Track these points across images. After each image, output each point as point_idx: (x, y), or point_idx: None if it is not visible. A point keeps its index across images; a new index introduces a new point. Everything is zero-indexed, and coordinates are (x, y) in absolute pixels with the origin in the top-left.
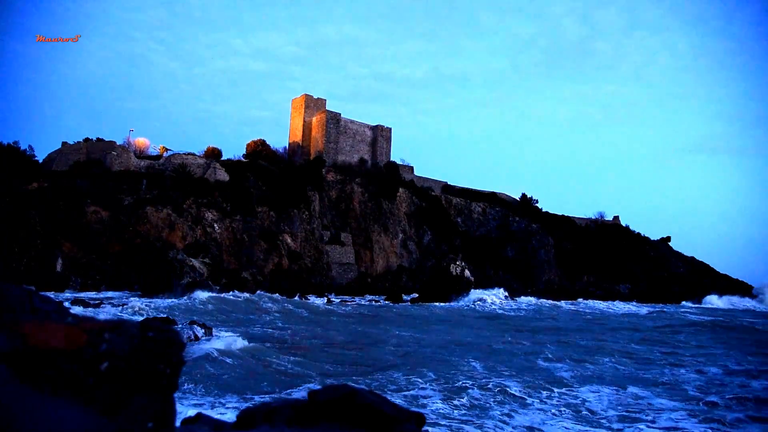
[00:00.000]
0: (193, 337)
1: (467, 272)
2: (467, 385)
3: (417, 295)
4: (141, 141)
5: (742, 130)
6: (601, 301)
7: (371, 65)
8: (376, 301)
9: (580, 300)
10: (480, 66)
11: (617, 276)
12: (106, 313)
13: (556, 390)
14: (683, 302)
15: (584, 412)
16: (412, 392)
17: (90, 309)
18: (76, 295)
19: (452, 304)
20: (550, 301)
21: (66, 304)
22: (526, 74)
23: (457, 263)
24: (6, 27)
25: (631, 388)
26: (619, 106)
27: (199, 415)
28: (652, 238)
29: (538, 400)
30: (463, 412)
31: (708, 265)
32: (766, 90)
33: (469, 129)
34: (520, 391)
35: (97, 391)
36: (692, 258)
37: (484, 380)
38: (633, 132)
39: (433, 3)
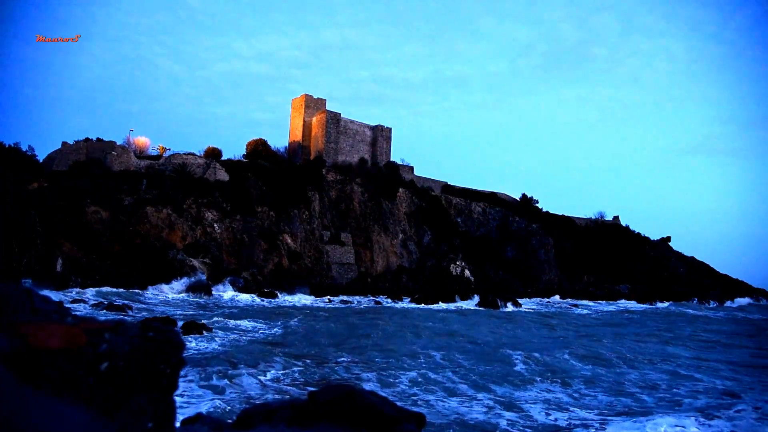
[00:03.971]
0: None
1: (467, 272)
2: None
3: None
4: (141, 141)
5: (738, 131)
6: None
7: (372, 68)
8: (377, 302)
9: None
10: (479, 69)
11: (617, 276)
12: None
13: None
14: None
15: None
16: None
17: None
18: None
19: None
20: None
21: None
22: (525, 77)
23: (458, 263)
24: (8, 29)
25: None
26: (617, 109)
27: (198, 415)
28: (652, 238)
29: None
30: None
31: (708, 265)
32: (762, 92)
33: (468, 131)
34: None
35: (97, 391)
36: (692, 258)
37: None
38: (632, 133)
39: (433, 7)
